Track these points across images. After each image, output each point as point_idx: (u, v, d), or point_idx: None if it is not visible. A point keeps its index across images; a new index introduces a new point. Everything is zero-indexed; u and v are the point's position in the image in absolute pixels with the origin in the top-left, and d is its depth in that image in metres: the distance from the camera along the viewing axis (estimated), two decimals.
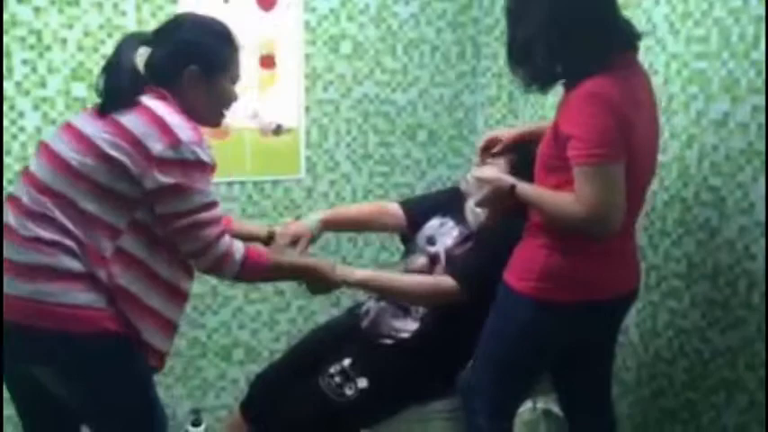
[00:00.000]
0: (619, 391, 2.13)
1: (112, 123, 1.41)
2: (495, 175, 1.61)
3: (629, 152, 1.41)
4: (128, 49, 1.51)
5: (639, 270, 1.68)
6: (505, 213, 1.61)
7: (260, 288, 2.60)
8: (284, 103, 2.51)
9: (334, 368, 1.80)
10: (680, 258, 1.92)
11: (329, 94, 2.58)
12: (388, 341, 1.89)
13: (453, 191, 2.09)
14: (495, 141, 1.85)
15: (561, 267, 1.52)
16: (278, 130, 2.52)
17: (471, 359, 1.78)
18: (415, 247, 1.99)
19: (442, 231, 1.96)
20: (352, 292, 2.68)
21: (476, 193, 1.62)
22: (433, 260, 1.90)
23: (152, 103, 1.45)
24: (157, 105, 1.44)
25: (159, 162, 1.38)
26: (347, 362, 1.81)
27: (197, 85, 1.52)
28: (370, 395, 1.76)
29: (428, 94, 2.73)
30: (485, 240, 1.80)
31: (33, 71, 2.19)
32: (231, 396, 2.58)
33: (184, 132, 1.41)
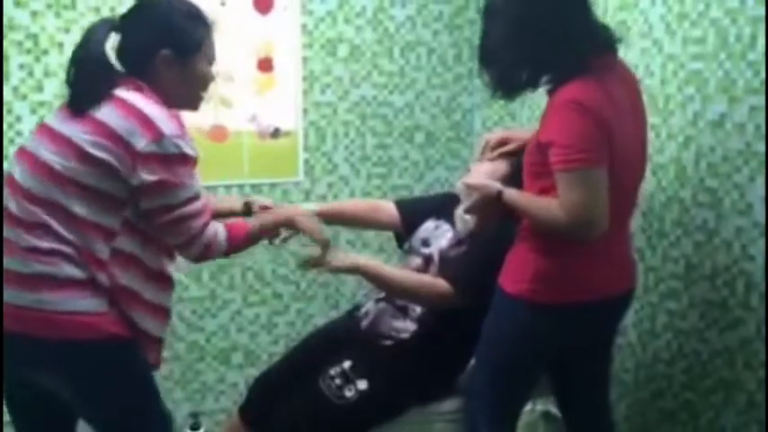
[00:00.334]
0: (618, 392, 2.14)
1: (91, 122, 1.37)
2: (483, 181, 1.62)
3: (611, 155, 1.41)
4: (97, 38, 1.45)
5: (636, 271, 1.69)
6: (493, 220, 1.62)
7: (258, 291, 2.60)
8: (282, 106, 2.52)
9: (334, 370, 1.81)
10: (678, 259, 1.93)
11: (327, 97, 2.59)
12: (387, 342, 1.89)
13: (448, 194, 2.10)
14: (508, 140, 1.85)
15: (554, 270, 1.53)
16: (276, 132, 2.53)
17: (472, 360, 1.79)
18: (411, 249, 2.00)
19: (437, 234, 1.96)
20: (351, 295, 2.70)
21: (464, 199, 1.63)
22: (426, 261, 1.91)
23: (128, 95, 1.41)
24: (135, 98, 1.40)
25: (144, 157, 1.36)
26: (347, 364, 1.81)
27: (171, 69, 1.48)
28: (371, 397, 1.77)
29: (425, 96, 2.74)
30: (479, 244, 1.80)
31: (30, 75, 2.19)
32: (230, 399, 2.57)
33: (166, 125, 1.38)
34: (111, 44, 1.49)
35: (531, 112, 2.53)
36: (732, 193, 1.76)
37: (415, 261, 1.94)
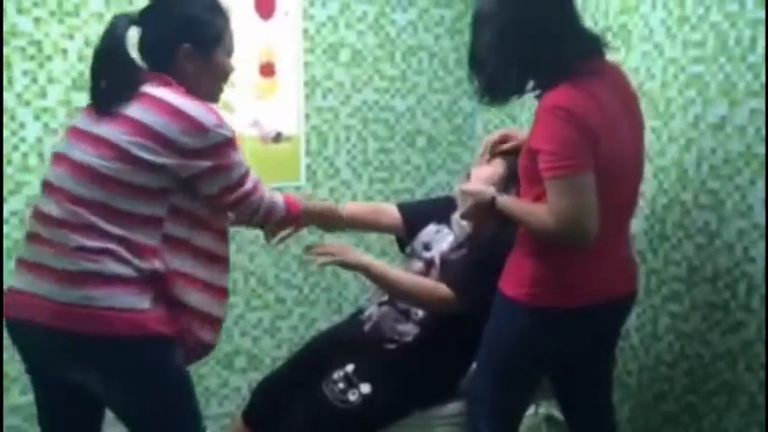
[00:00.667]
0: (620, 395, 2.14)
1: (127, 121, 1.39)
2: (478, 188, 1.63)
3: (602, 159, 1.41)
4: (117, 33, 1.46)
5: (637, 274, 1.69)
6: (489, 225, 1.63)
7: (261, 296, 2.60)
8: (284, 110, 2.52)
9: (337, 374, 1.81)
10: (680, 262, 1.93)
11: (328, 102, 2.60)
12: (390, 346, 1.89)
13: (450, 198, 2.10)
14: (508, 138, 1.86)
15: (552, 274, 1.53)
16: (278, 137, 2.53)
17: (474, 364, 1.79)
18: (413, 252, 2.01)
19: (438, 237, 1.97)
20: (354, 299, 2.70)
21: (460, 205, 1.64)
22: (428, 265, 1.91)
23: (158, 91, 1.42)
24: (166, 93, 1.42)
25: (194, 153, 1.40)
26: (350, 368, 1.82)
27: (193, 63, 1.49)
28: (374, 401, 1.77)
29: (427, 100, 2.74)
30: (479, 249, 1.80)
31: (34, 81, 2.20)
32: (234, 404, 2.58)
33: (206, 117, 1.41)
34: (131, 39, 1.49)
35: (531, 115, 2.53)
36: (733, 195, 1.76)
37: (417, 265, 1.95)
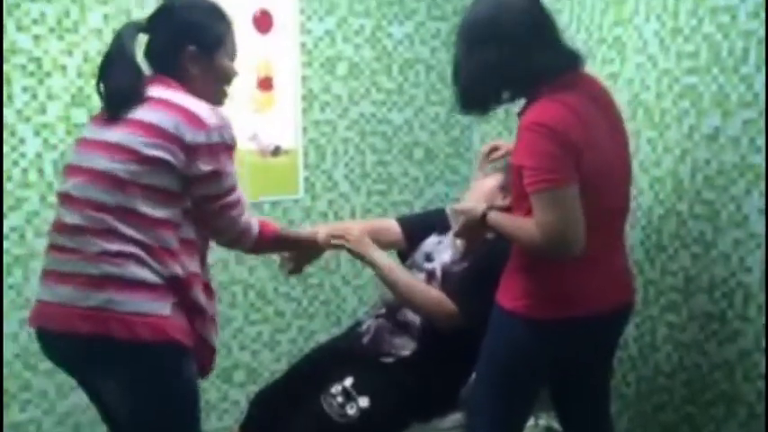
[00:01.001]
0: (619, 406, 2.14)
1: (136, 124, 1.44)
2: (469, 205, 1.65)
3: (584, 171, 1.42)
4: (128, 40, 1.53)
5: (632, 284, 1.69)
6: (482, 242, 1.65)
7: (260, 309, 2.61)
8: (282, 124, 2.54)
9: (335, 388, 1.81)
10: (676, 272, 1.93)
11: (326, 115, 2.61)
12: (388, 359, 1.89)
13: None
14: (496, 148, 1.90)
15: (548, 285, 1.54)
16: (276, 151, 2.55)
17: (472, 375, 1.79)
18: (414, 264, 2.01)
19: (440, 249, 1.98)
20: (353, 311, 2.70)
21: (454, 223, 1.67)
22: (429, 276, 1.92)
23: (164, 93, 1.48)
24: (171, 95, 1.48)
25: (193, 149, 1.43)
26: (349, 381, 1.82)
27: (197, 65, 1.55)
28: (373, 415, 1.77)
29: (424, 112, 2.76)
30: (480, 262, 1.81)
31: (33, 98, 2.21)
32: (233, 418, 2.57)
33: (209, 116, 1.46)
34: (139, 45, 1.56)
35: None
36: (728, 205, 1.77)
37: (418, 276, 1.95)
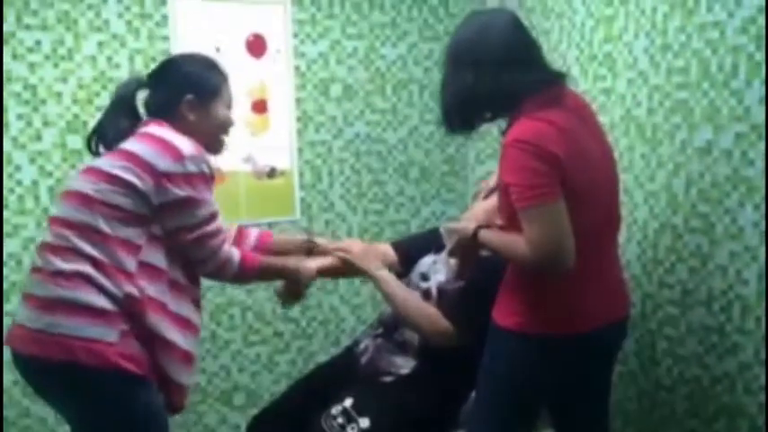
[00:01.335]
0: (622, 421, 2.13)
1: (120, 152, 1.53)
2: (461, 224, 1.66)
3: (569, 184, 1.43)
4: (129, 92, 1.65)
5: (628, 298, 1.69)
6: (474, 260, 1.66)
7: (259, 331, 2.60)
8: (277, 146, 2.55)
9: (335, 408, 1.80)
10: (674, 285, 1.94)
11: (321, 136, 2.63)
12: (388, 378, 1.89)
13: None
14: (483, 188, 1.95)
15: (542, 302, 1.54)
16: (272, 173, 2.56)
17: (472, 392, 1.78)
18: (410, 284, 2.01)
19: (436, 268, 1.98)
20: (352, 331, 2.70)
21: (447, 244, 1.68)
22: (425, 296, 1.91)
23: (153, 129, 1.57)
24: (158, 130, 1.56)
25: (166, 176, 1.49)
26: (348, 402, 1.81)
27: (195, 113, 1.64)
28: None
29: (418, 131, 2.78)
30: (478, 282, 1.81)
31: (29, 125, 2.23)
32: None
33: (186, 146, 1.52)
34: (141, 100, 1.67)
35: None
36: (723, 218, 1.78)
37: None
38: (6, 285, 2.24)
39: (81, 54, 2.27)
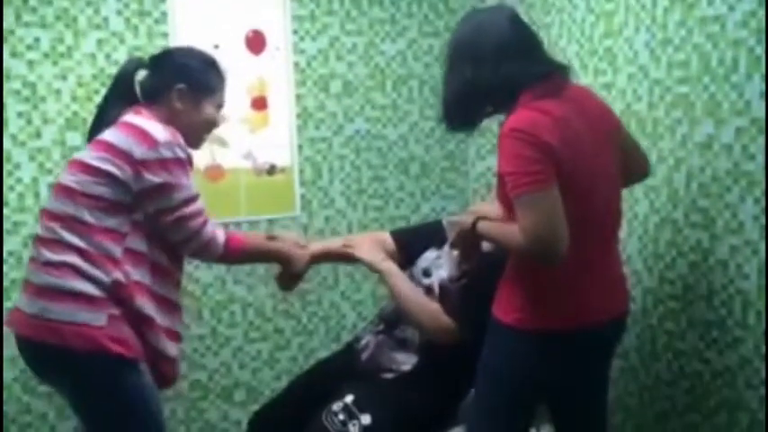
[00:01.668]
0: (622, 416, 2.13)
1: (98, 143, 1.59)
2: (462, 216, 1.67)
3: (563, 172, 1.43)
4: (129, 70, 1.71)
5: (627, 293, 1.69)
6: (477, 252, 1.67)
7: (260, 327, 2.60)
8: (277, 142, 2.55)
9: (336, 405, 1.80)
10: (674, 280, 1.94)
11: (321, 132, 2.62)
12: (389, 375, 1.89)
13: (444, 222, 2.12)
14: None
15: (541, 297, 1.54)
16: (272, 169, 2.55)
17: (472, 388, 1.79)
18: (412, 279, 2.00)
19: (438, 263, 1.97)
20: (353, 327, 2.70)
21: (449, 235, 1.69)
22: (427, 291, 1.91)
23: (130, 117, 1.62)
24: (134, 118, 1.61)
25: (142, 164, 1.54)
26: (349, 398, 1.81)
27: (184, 103, 1.68)
28: (374, 431, 1.76)
29: (419, 127, 2.77)
30: (478, 279, 1.81)
31: (28, 123, 2.22)
32: None
33: (160, 133, 1.57)
34: (139, 78, 1.73)
35: None
36: (724, 213, 1.77)
37: None
38: (6, 283, 2.24)
39: (80, 51, 2.26)
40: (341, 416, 1.77)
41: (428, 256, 2.01)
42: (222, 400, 2.57)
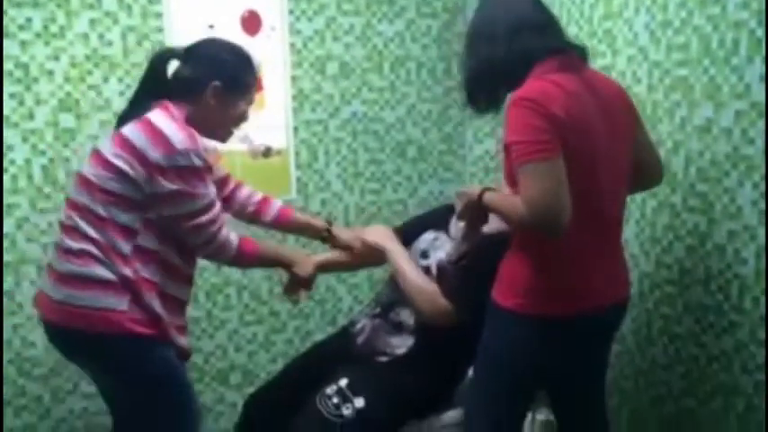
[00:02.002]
0: (618, 400, 2.13)
1: (118, 137, 1.58)
2: (471, 187, 1.65)
3: (569, 150, 1.42)
4: (162, 60, 1.69)
5: (628, 279, 1.68)
6: (481, 224, 1.67)
7: (255, 310, 2.60)
8: (273, 124, 2.53)
9: (330, 388, 1.80)
10: (671, 265, 1.93)
11: (317, 115, 2.60)
12: (383, 359, 1.89)
13: (447, 207, 2.10)
14: None
15: (543, 281, 1.53)
16: (267, 152, 2.54)
17: (468, 372, 1.78)
18: None
19: (436, 245, 1.96)
20: (349, 310, 2.69)
21: (457, 207, 1.68)
22: (425, 273, 1.90)
23: (154, 115, 1.59)
24: (157, 116, 1.59)
25: (158, 169, 1.53)
26: (344, 382, 1.81)
27: (217, 100, 1.67)
28: (368, 414, 1.76)
29: (416, 110, 2.75)
30: (478, 261, 1.80)
31: (21, 104, 2.20)
32: (230, 420, 2.56)
33: (177, 139, 1.54)
34: (172, 69, 1.70)
35: None
36: (722, 197, 1.76)
37: None
38: None
39: (73, 32, 2.23)
40: (335, 399, 1.77)
41: (426, 238, 2.00)
42: (218, 382, 2.58)
